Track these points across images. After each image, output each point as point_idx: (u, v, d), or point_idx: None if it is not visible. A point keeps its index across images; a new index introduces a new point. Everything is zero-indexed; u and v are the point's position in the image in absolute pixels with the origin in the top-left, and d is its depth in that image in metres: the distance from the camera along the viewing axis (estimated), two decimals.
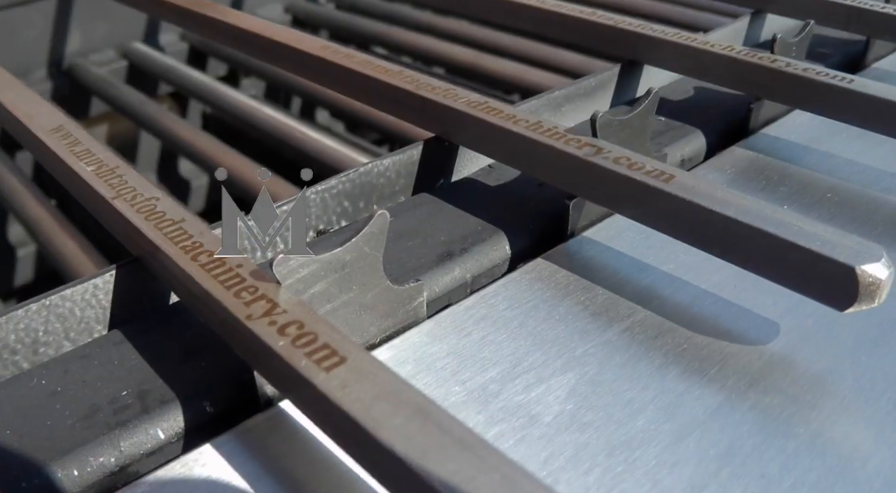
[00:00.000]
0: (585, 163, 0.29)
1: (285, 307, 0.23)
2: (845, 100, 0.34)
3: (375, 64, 0.34)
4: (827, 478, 0.21)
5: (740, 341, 0.26)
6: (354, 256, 0.25)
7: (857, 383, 0.24)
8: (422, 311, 0.27)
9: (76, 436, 0.22)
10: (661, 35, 0.38)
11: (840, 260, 0.24)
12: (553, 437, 0.22)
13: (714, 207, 0.27)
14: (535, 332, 0.26)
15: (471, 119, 0.31)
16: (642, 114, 0.31)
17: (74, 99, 0.77)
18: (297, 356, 0.22)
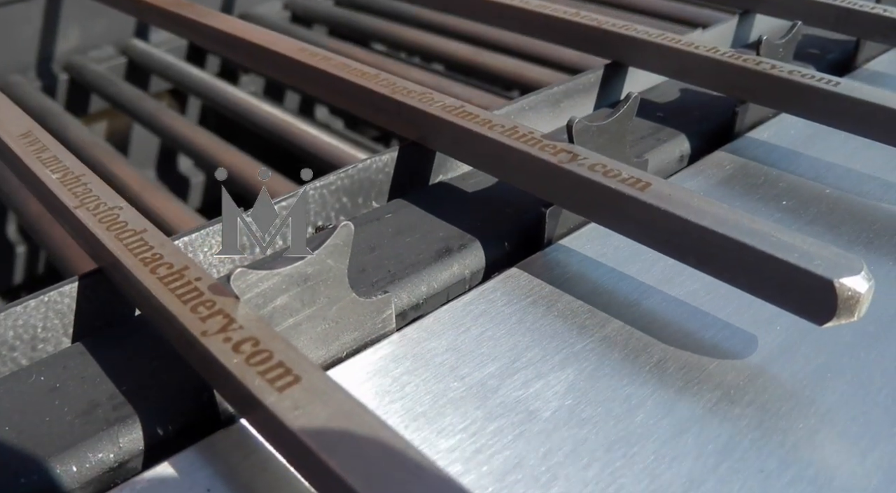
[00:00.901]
0: (560, 170, 0.27)
1: (242, 323, 0.22)
2: (831, 103, 0.33)
3: (352, 67, 0.33)
4: (826, 473, 0.21)
5: (737, 338, 0.25)
6: (317, 268, 0.24)
7: (855, 378, 0.24)
8: (391, 323, 0.26)
9: (75, 432, 0.22)
10: (644, 36, 0.36)
11: (818, 273, 0.23)
12: (552, 432, 0.22)
13: (689, 216, 0.25)
14: (534, 328, 0.26)
15: (446, 124, 0.30)
16: (621, 119, 0.30)
17: (73, 96, 0.76)
18: (250, 375, 0.21)
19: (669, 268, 0.28)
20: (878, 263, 0.29)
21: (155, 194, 0.58)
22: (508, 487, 0.20)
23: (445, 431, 0.22)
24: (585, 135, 0.29)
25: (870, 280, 0.23)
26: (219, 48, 0.38)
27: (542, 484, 0.20)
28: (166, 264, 0.24)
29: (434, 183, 0.33)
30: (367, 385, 0.24)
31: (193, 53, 0.83)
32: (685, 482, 0.20)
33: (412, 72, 0.71)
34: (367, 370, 0.24)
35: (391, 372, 0.24)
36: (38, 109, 0.69)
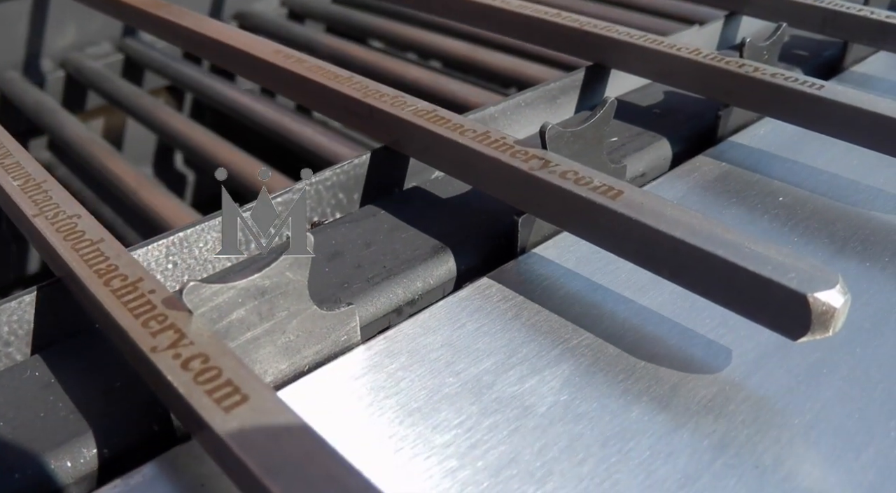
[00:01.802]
0: (530, 177, 0.26)
1: (193, 339, 0.21)
2: (814, 107, 0.31)
3: (326, 70, 0.32)
4: (821, 469, 0.21)
5: (732, 335, 0.25)
6: (275, 281, 0.23)
7: (851, 373, 0.23)
8: (355, 335, 0.25)
9: (70, 427, 0.21)
10: (625, 38, 0.35)
11: (791, 287, 0.22)
12: (547, 428, 0.22)
13: (661, 226, 0.24)
14: (530, 323, 0.25)
15: (417, 129, 0.29)
16: (597, 124, 0.29)
17: (70, 92, 0.75)
18: (197, 394, 0.20)
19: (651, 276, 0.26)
20: (864, 265, 0.28)
21: (151, 191, 0.57)
22: (503, 482, 0.20)
23: (440, 426, 0.22)
24: (559, 141, 0.28)
25: (845, 294, 0.22)
26: (195, 50, 0.37)
27: (538, 479, 0.20)
28: (121, 275, 0.23)
29: (408, 187, 0.32)
30: (361, 381, 0.23)
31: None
32: (680, 478, 0.20)
33: (410, 69, 0.70)
34: (361, 366, 0.24)
35: (386, 368, 0.24)
36: (35, 105, 0.68)
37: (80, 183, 0.71)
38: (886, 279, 0.27)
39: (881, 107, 0.31)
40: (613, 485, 0.20)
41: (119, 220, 0.69)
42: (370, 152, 0.30)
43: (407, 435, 0.21)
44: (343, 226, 0.29)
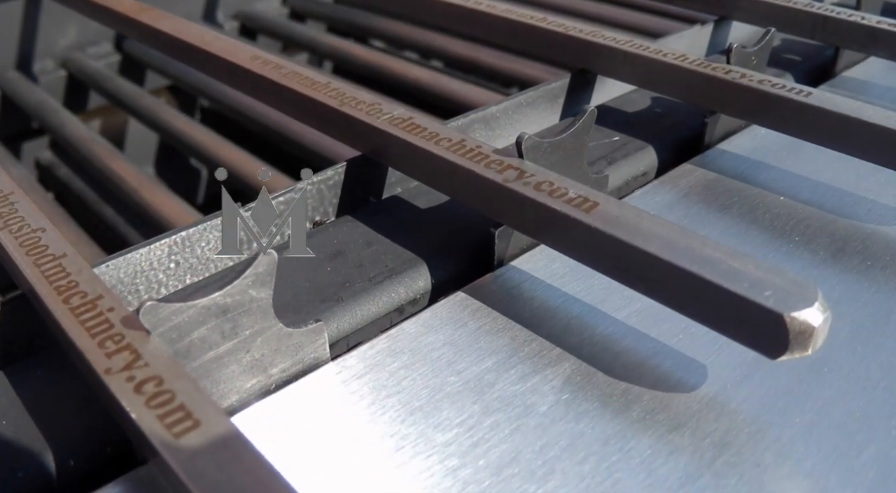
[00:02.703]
0: (505, 189, 0.25)
1: (148, 360, 0.20)
2: (801, 114, 0.30)
3: (303, 76, 0.31)
4: (822, 467, 0.20)
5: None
6: (238, 299, 0.22)
7: (852, 372, 0.23)
8: (324, 352, 0.24)
9: (73, 426, 0.21)
10: (611, 43, 0.34)
11: (768, 306, 0.21)
12: (548, 426, 0.21)
13: (636, 241, 0.23)
14: (531, 323, 0.25)
15: (392, 138, 0.28)
16: (576, 134, 0.28)
17: (71, 92, 0.74)
18: (148, 419, 0.19)
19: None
20: (866, 264, 0.27)
21: (153, 191, 0.57)
22: (505, 481, 0.20)
23: (442, 425, 0.21)
24: (537, 151, 0.27)
25: (825, 311, 0.21)
26: (175, 54, 0.36)
27: (539, 478, 0.20)
28: (80, 292, 0.22)
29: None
30: (363, 379, 0.23)
31: None
32: (682, 477, 0.20)
33: (411, 69, 0.69)
34: (363, 365, 0.23)
35: (388, 367, 0.23)
36: (36, 105, 0.67)
37: (81, 183, 0.70)
38: (887, 278, 0.27)
39: (869, 115, 0.29)
40: (614, 484, 0.20)
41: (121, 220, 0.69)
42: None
43: (409, 434, 0.21)
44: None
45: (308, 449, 0.21)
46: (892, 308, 0.25)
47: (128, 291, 0.26)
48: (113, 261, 0.26)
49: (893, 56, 0.37)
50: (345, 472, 0.20)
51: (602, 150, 0.33)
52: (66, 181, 0.71)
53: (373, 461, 0.20)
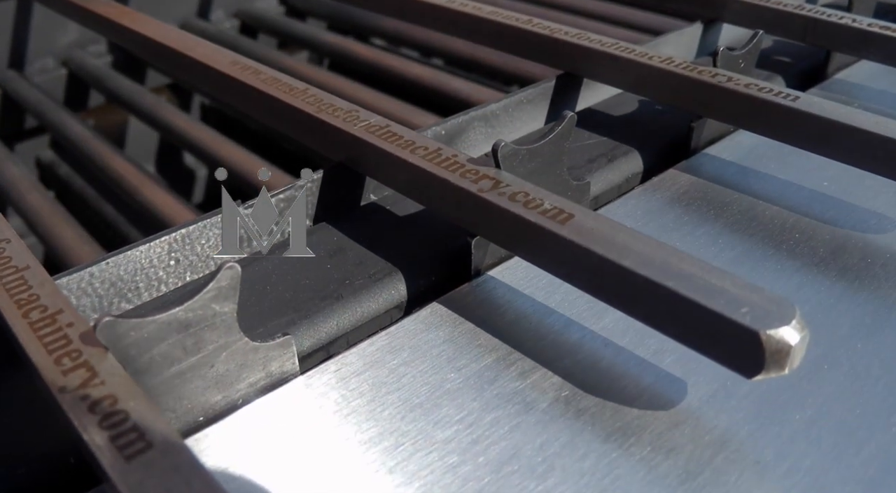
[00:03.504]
0: (479, 199, 0.24)
1: (104, 378, 0.19)
2: (789, 119, 0.29)
3: (281, 82, 0.30)
4: (822, 464, 0.20)
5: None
6: (200, 314, 0.21)
7: (852, 369, 0.23)
8: (293, 366, 0.23)
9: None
10: (597, 46, 0.33)
11: (744, 323, 0.20)
12: (548, 423, 0.21)
13: (610, 255, 0.22)
14: (532, 319, 0.24)
15: (368, 146, 0.27)
16: (555, 141, 0.27)
17: (72, 90, 0.74)
18: (99, 440, 0.18)
19: None
20: (866, 261, 0.27)
21: (153, 189, 0.56)
22: (505, 477, 0.20)
23: (442, 422, 0.21)
24: (514, 159, 0.26)
25: (802, 330, 0.20)
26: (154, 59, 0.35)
27: (539, 475, 0.20)
28: (41, 306, 0.22)
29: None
30: (363, 376, 0.22)
31: None
32: (681, 473, 0.20)
33: (411, 67, 0.67)
34: (363, 361, 0.23)
35: (388, 363, 0.23)
36: (36, 104, 0.67)
37: (81, 181, 0.70)
38: (888, 275, 0.26)
39: (858, 120, 0.28)
40: (614, 481, 0.19)
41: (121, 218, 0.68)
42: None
43: (408, 431, 0.21)
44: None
45: (308, 447, 0.21)
46: (891, 305, 0.25)
47: (128, 288, 0.26)
48: (113, 258, 0.25)
49: (885, 59, 0.35)
50: (344, 469, 0.20)
51: (585, 154, 0.32)
52: (66, 180, 0.70)
53: (372, 458, 0.20)
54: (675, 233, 0.28)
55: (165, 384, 0.21)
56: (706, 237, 0.28)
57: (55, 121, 0.65)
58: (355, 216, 0.28)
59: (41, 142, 0.73)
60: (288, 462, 0.20)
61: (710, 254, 0.27)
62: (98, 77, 0.70)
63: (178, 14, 0.78)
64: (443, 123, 0.32)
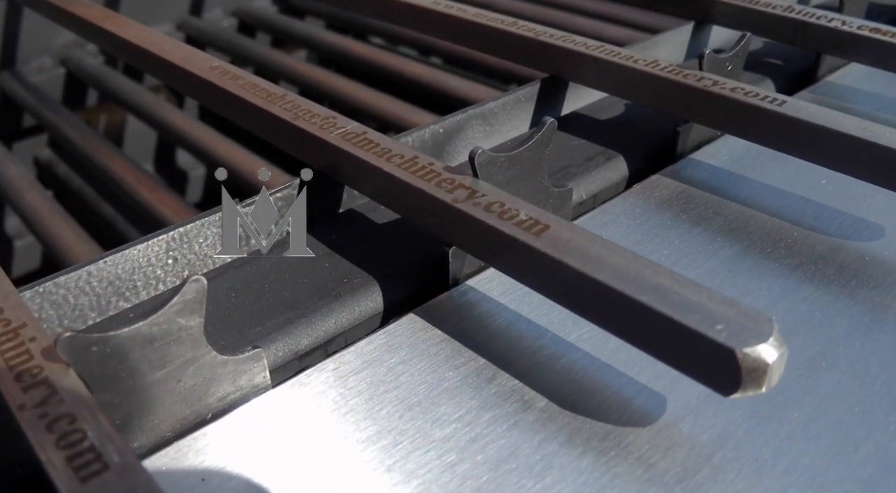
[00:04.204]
0: (454, 209, 0.23)
1: (63, 396, 0.19)
2: (775, 124, 0.28)
3: (260, 87, 0.29)
4: (820, 462, 0.20)
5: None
6: (165, 329, 0.20)
7: (850, 367, 0.22)
8: (264, 380, 0.22)
9: None
10: (581, 49, 0.32)
11: (719, 341, 0.19)
12: (546, 422, 0.21)
13: (585, 268, 0.21)
14: (530, 317, 0.24)
15: (344, 154, 0.26)
16: (534, 147, 0.26)
17: (70, 89, 0.73)
18: (56, 460, 0.17)
19: None
20: (864, 259, 0.27)
21: (152, 188, 0.55)
22: (503, 476, 0.19)
23: (440, 420, 0.21)
24: (492, 167, 0.25)
25: (780, 347, 0.19)
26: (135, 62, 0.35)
27: (537, 473, 0.19)
28: (4, 320, 0.21)
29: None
30: (361, 375, 0.22)
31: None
32: (680, 472, 0.19)
33: (410, 66, 0.67)
34: (361, 360, 0.23)
35: (386, 362, 0.23)
36: (35, 103, 0.66)
37: (80, 180, 0.69)
38: (886, 273, 0.26)
39: (845, 125, 0.27)
40: (613, 479, 0.19)
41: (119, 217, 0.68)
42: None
43: (406, 429, 0.21)
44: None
45: (306, 445, 0.20)
46: (889, 304, 0.25)
47: (126, 287, 0.25)
48: (110, 257, 0.25)
49: (875, 62, 0.34)
50: (342, 467, 0.20)
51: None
52: (64, 179, 0.70)
53: (370, 457, 0.20)
54: (658, 241, 0.27)
55: (130, 401, 0.20)
56: (690, 245, 0.27)
57: (53, 120, 0.64)
58: (334, 224, 0.28)
59: (39, 141, 0.72)
60: (286, 461, 0.20)
61: (700, 257, 0.26)
62: (96, 76, 0.70)
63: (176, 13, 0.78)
64: (441, 122, 0.31)
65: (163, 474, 0.20)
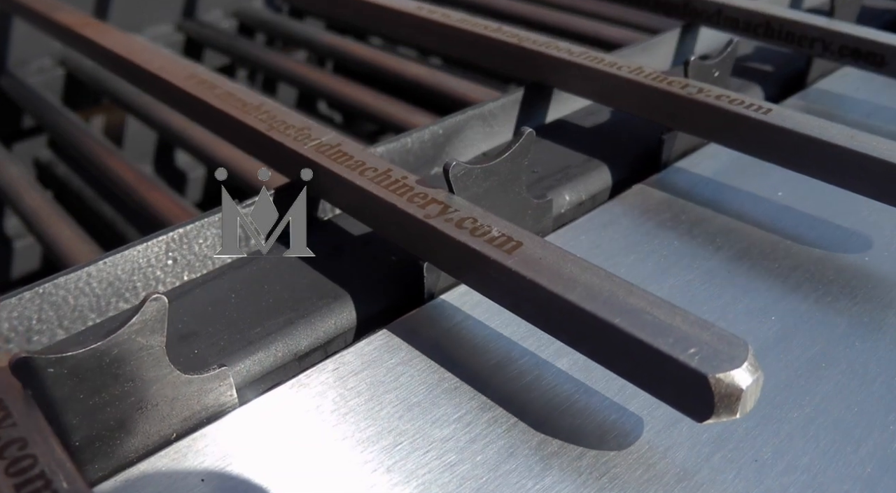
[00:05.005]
0: (425, 225, 0.23)
1: (17, 419, 0.18)
2: (760, 133, 0.27)
3: (236, 97, 0.28)
4: (820, 462, 0.20)
5: (731, 329, 0.22)
6: (124, 348, 0.20)
7: (850, 368, 0.22)
8: (230, 398, 0.22)
9: None
10: (565, 55, 0.31)
11: (691, 365, 0.18)
12: (545, 422, 0.21)
13: (557, 288, 0.20)
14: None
15: (318, 167, 0.25)
16: (512, 158, 0.25)
17: (69, 90, 0.72)
18: (4, 487, 0.17)
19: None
20: (864, 260, 0.26)
21: (151, 189, 0.55)
22: (502, 476, 0.19)
23: (440, 421, 0.21)
24: (467, 180, 0.24)
25: (755, 372, 0.18)
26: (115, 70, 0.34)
27: (536, 473, 0.19)
28: None
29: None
30: (361, 375, 0.22)
31: (190, 49, 0.78)
32: (679, 472, 0.19)
33: (409, 66, 0.66)
34: (361, 361, 0.22)
35: (385, 363, 0.22)
36: (35, 103, 0.66)
37: (79, 181, 0.69)
38: (885, 274, 0.26)
39: (831, 134, 0.26)
40: (612, 479, 0.19)
41: (119, 217, 0.67)
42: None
43: (406, 430, 0.20)
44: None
45: (306, 445, 0.20)
46: (889, 303, 0.24)
47: (125, 288, 0.25)
48: (110, 258, 0.25)
49: (866, 67, 0.33)
50: (342, 468, 0.19)
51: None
52: (64, 179, 0.69)
53: (370, 457, 0.20)
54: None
55: (90, 422, 0.20)
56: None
57: (53, 120, 0.64)
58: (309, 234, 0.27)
59: (39, 142, 0.72)
60: (286, 461, 0.20)
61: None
62: (96, 77, 0.69)
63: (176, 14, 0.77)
64: (440, 122, 0.31)
65: (163, 474, 0.19)
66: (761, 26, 0.35)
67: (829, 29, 0.33)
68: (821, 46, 0.33)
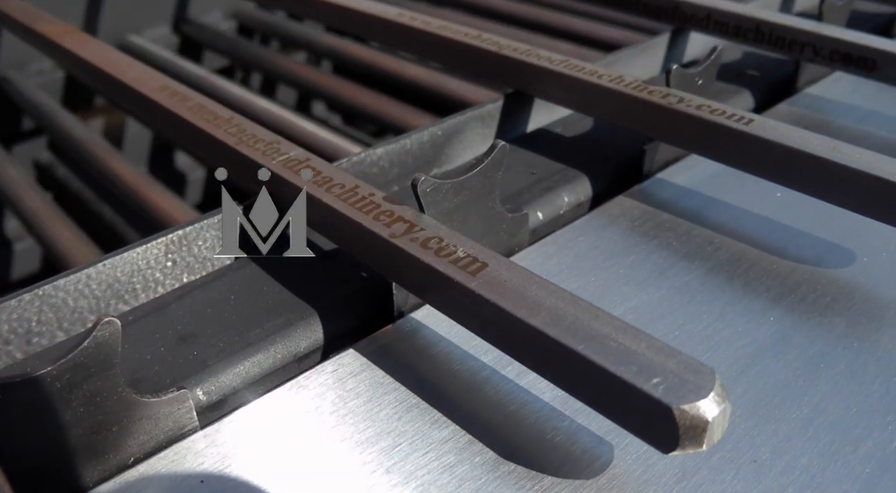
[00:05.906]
0: (390, 244, 0.22)
1: None
2: (741, 144, 0.26)
3: (207, 109, 0.27)
4: (819, 462, 0.19)
5: (731, 328, 0.23)
6: (76, 373, 0.19)
7: (849, 368, 0.22)
8: (191, 421, 0.21)
9: None
10: (545, 64, 0.30)
11: (655, 396, 0.17)
12: (545, 423, 0.20)
13: (520, 312, 0.19)
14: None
15: (285, 182, 0.24)
16: (483, 172, 0.24)
17: (69, 92, 0.72)
18: None
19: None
20: (864, 260, 0.26)
21: (151, 190, 0.54)
22: (501, 477, 0.19)
23: (439, 422, 0.20)
24: (437, 195, 0.23)
25: (722, 402, 0.17)
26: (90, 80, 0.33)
27: (535, 475, 0.19)
28: None
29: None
30: (360, 377, 0.22)
31: (189, 50, 0.78)
32: (678, 472, 0.19)
33: (409, 67, 0.65)
34: (360, 362, 0.22)
35: (385, 364, 0.22)
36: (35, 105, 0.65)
37: (79, 183, 0.68)
38: (885, 274, 0.25)
39: (814, 146, 0.25)
40: (611, 480, 0.19)
41: (118, 219, 0.67)
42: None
43: (405, 431, 0.20)
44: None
45: (305, 447, 0.20)
46: (887, 304, 0.24)
47: (125, 290, 0.25)
48: (109, 260, 0.24)
49: (857, 71, 0.32)
50: (342, 469, 0.19)
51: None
52: (64, 181, 0.69)
53: (370, 458, 0.19)
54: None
55: (41, 449, 0.19)
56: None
57: (53, 122, 0.63)
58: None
59: (39, 143, 0.71)
60: (286, 463, 0.19)
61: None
62: None
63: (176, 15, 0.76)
64: (440, 124, 0.30)
65: (162, 476, 0.19)
66: (751, 31, 0.34)
67: (820, 33, 0.32)
68: (811, 51, 0.32)
